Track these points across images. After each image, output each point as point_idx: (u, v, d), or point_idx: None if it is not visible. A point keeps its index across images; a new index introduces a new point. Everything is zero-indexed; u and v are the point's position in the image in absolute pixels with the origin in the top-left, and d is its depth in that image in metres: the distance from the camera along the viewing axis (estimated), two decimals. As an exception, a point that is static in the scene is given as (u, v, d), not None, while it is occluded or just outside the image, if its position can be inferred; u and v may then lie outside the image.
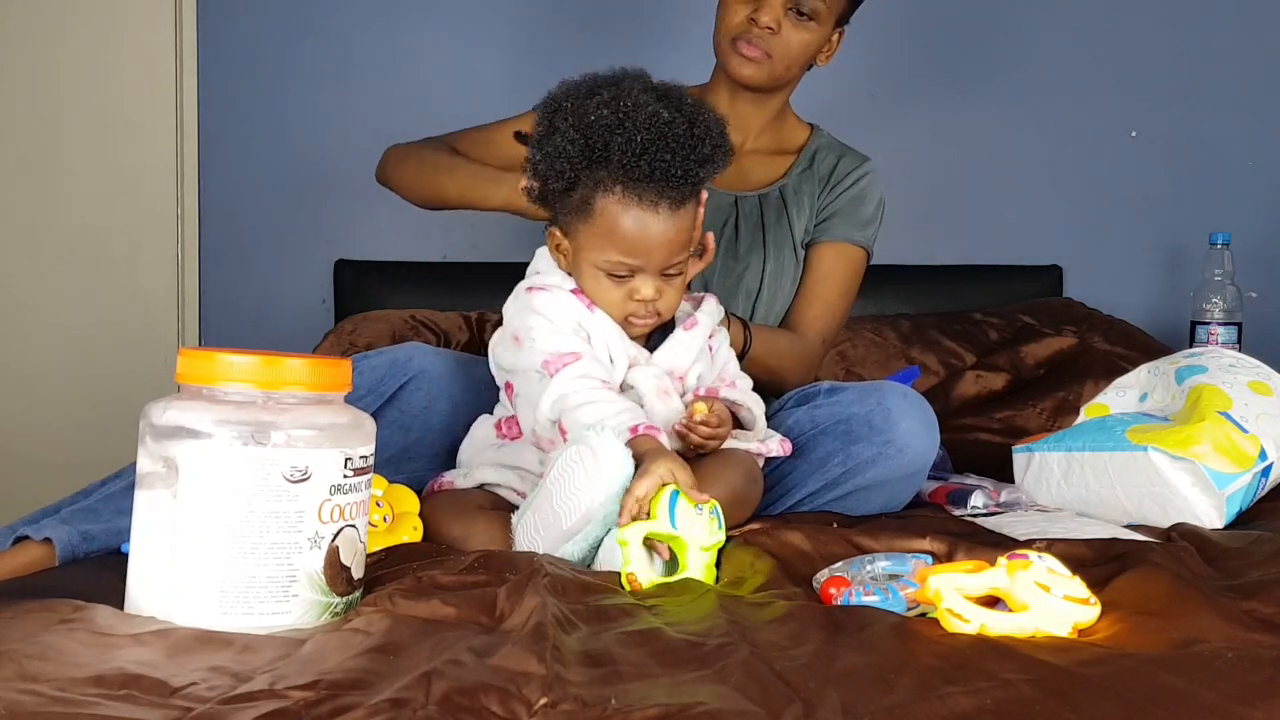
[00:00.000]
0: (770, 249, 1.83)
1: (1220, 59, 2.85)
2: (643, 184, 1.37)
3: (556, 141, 1.40)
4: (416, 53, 2.80)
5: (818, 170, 1.90)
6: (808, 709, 0.84)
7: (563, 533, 1.28)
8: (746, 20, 1.76)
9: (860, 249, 1.87)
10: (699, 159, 1.39)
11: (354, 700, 0.84)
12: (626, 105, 1.38)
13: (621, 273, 1.41)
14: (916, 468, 1.53)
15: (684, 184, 1.39)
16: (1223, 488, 1.49)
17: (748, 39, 1.76)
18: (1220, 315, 2.53)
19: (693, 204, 1.43)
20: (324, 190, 2.79)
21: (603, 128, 1.37)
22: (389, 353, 1.55)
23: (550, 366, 1.38)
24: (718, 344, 1.55)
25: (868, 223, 1.89)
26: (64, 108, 2.78)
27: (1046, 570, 1.08)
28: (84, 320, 2.79)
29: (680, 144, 1.37)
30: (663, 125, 1.37)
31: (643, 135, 1.36)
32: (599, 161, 1.38)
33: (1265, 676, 0.89)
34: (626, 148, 1.36)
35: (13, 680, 0.87)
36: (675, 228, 1.40)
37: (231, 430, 1.04)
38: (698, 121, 1.40)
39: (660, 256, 1.40)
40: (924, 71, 2.84)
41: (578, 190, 1.40)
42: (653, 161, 1.36)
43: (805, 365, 1.81)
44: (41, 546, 1.31)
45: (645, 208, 1.38)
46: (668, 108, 1.39)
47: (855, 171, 1.89)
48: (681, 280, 1.46)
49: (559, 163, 1.40)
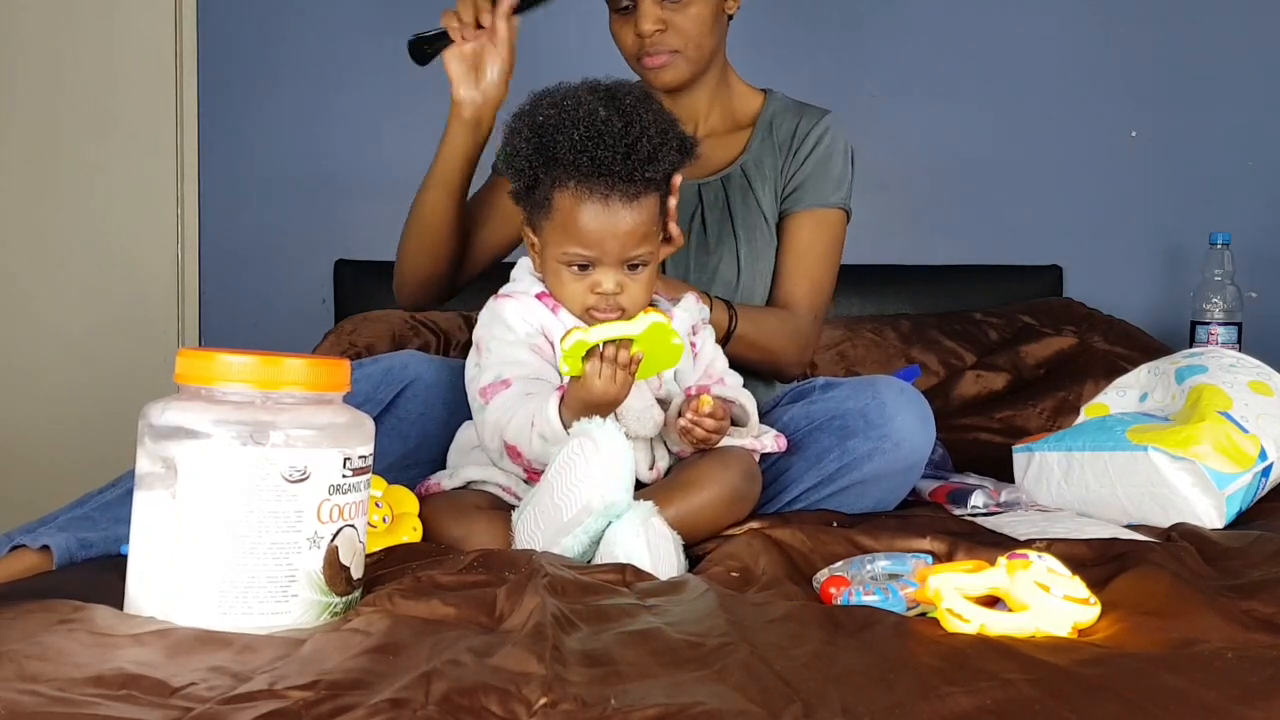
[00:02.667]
0: (741, 232, 1.79)
1: (1220, 59, 2.85)
2: (591, 179, 1.40)
3: (515, 143, 1.45)
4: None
5: (776, 136, 1.83)
6: (808, 709, 0.84)
7: (562, 525, 1.28)
8: (634, 37, 1.71)
9: (838, 210, 1.81)
10: (641, 157, 1.40)
11: (353, 700, 0.84)
12: (569, 104, 1.42)
13: (580, 263, 1.43)
14: (912, 462, 1.53)
15: (629, 181, 1.41)
16: (1223, 488, 1.49)
17: (645, 52, 1.72)
18: (1220, 315, 2.54)
19: (650, 197, 1.44)
20: (324, 190, 2.79)
21: (550, 127, 1.42)
22: (383, 360, 1.56)
23: (486, 395, 1.42)
24: (701, 341, 1.55)
25: (840, 180, 1.82)
26: (64, 108, 2.79)
27: (1046, 570, 1.08)
28: (84, 320, 2.80)
29: (616, 141, 1.39)
30: (599, 123, 1.40)
31: (580, 133, 1.39)
32: (550, 160, 1.42)
33: (1265, 676, 0.89)
34: (569, 145, 1.40)
35: (12, 680, 0.87)
36: (631, 220, 1.42)
37: (230, 430, 1.04)
38: (635, 119, 1.42)
39: (615, 248, 1.42)
40: (924, 71, 2.84)
41: (539, 188, 1.44)
42: (594, 157, 1.39)
43: (799, 342, 1.77)
44: (38, 554, 1.31)
45: (597, 201, 1.41)
46: (606, 106, 1.42)
47: (815, 129, 1.82)
48: (647, 274, 1.46)
49: (517, 161, 1.45)
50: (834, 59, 2.80)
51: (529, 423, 1.37)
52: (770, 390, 1.78)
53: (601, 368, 1.32)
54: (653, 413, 1.45)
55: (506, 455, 1.42)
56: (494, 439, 1.42)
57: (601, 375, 1.31)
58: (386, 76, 2.79)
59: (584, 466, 1.27)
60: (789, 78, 1.89)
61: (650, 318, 1.34)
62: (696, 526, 1.38)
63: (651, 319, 1.34)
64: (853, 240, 1.83)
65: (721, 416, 1.43)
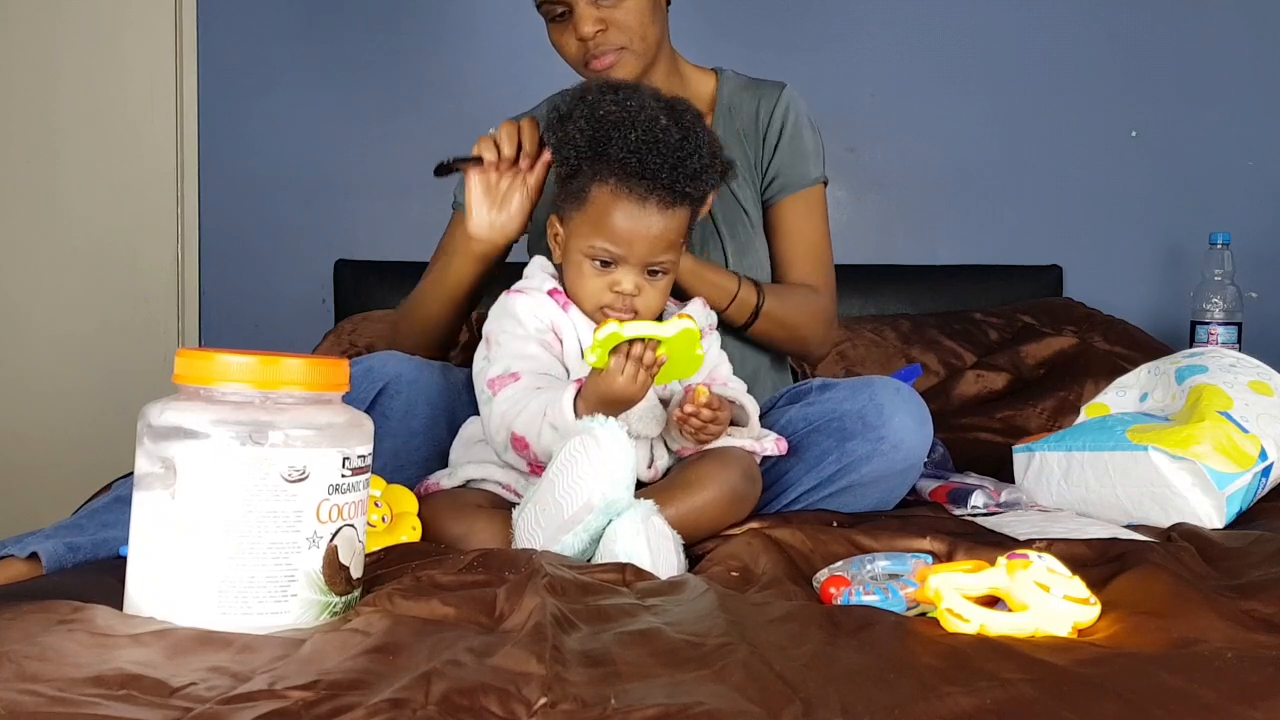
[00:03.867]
0: (724, 229, 1.78)
1: (1220, 58, 2.85)
2: (634, 179, 1.42)
3: (569, 129, 1.48)
4: (416, 52, 2.80)
5: (738, 122, 1.83)
6: (808, 709, 0.84)
7: (563, 522, 1.28)
8: (575, 43, 1.69)
9: (818, 185, 1.83)
10: (687, 172, 1.44)
11: (353, 700, 0.84)
12: (632, 106, 1.45)
13: (604, 259, 1.45)
14: (910, 463, 1.53)
15: (671, 191, 1.43)
16: (1223, 488, 1.49)
17: (591, 55, 1.69)
18: (1220, 315, 2.54)
19: (684, 209, 1.47)
20: (324, 190, 2.79)
21: (609, 123, 1.44)
22: (363, 361, 1.57)
23: (494, 387, 1.43)
24: (707, 346, 1.55)
25: (814, 154, 1.83)
26: (64, 108, 2.79)
27: (1046, 570, 1.08)
28: (84, 321, 2.80)
29: (671, 150, 1.43)
30: (659, 130, 1.43)
31: (638, 135, 1.42)
32: (600, 153, 1.44)
33: (1265, 676, 0.88)
34: (624, 143, 1.43)
35: (12, 681, 0.86)
36: (662, 226, 1.44)
37: (229, 430, 1.04)
38: (691, 134, 1.45)
39: (642, 249, 1.44)
40: (923, 71, 2.84)
41: (578, 178, 1.47)
42: (643, 160, 1.42)
43: (824, 319, 1.79)
44: (26, 563, 1.31)
45: (634, 201, 1.43)
46: (668, 115, 1.46)
47: (777, 108, 1.82)
48: (665, 282, 1.48)
49: (566, 149, 1.48)
50: (834, 59, 2.80)
51: (542, 413, 1.37)
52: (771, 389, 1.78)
53: (626, 365, 1.33)
54: (656, 413, 1.46)
55: (512, 447, 1.42)
56: (500, 431, 1.42)
57: (625, 372, 1.33)
58: (386, 77, 2.79)
59: (585, 464, 1.27)
60: (788, 77, 1.89)
61: (683, 323, 1.36)
62: (696, 526, 1.39)
63: (684, 324, 1.36)
64: (853, 240, 1.84)
65: (718, 407, 1.43)
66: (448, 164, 1.62)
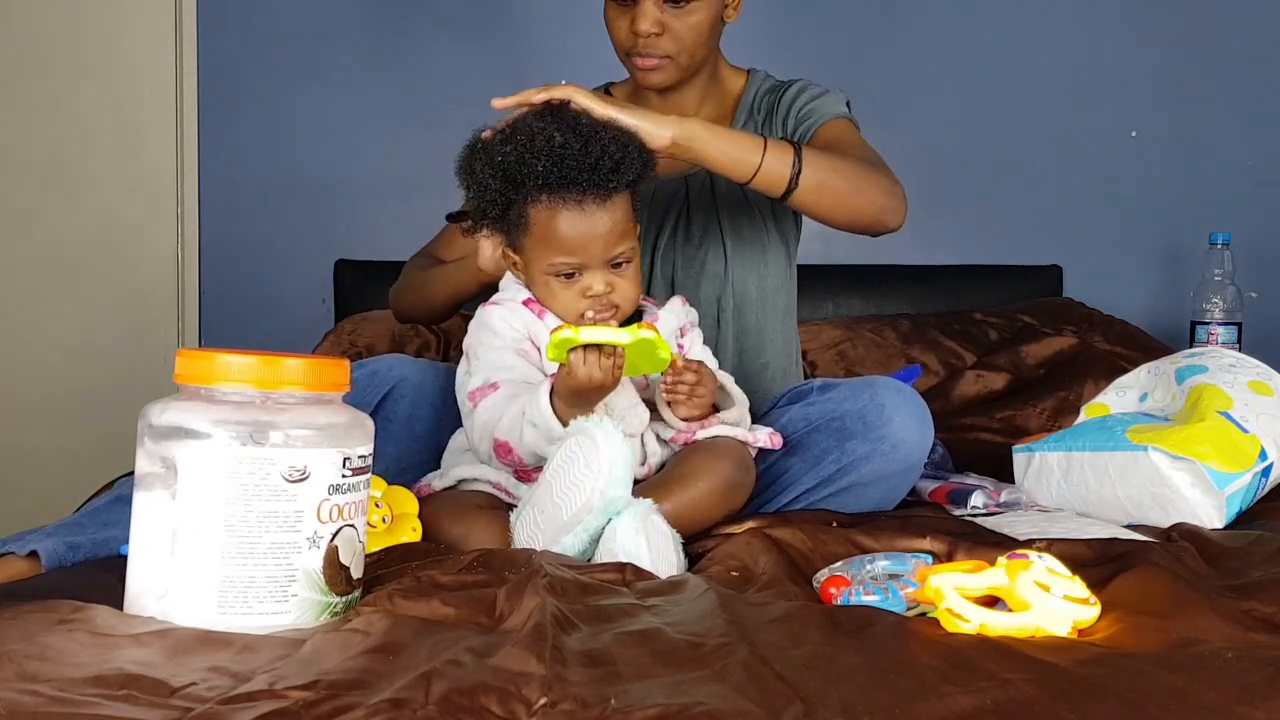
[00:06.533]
0: (726, 223, 1.78)
1: (1220, 59, 2.85)
2: (563, 189, 1.41)
3: (479, 181, 1.45)
4: (416, 53, 2.80)
5: (757, 118, 1.82)
6: (808, 709, 0.84)
7: (563, 523, 1.29)
8: (629, 33, 1.69)
9: (844, 118, 1.77)
10: (605, 170, 1.42)
11: (353, 700, 0.84)
12: (523, 138, 1.42)
13: (567, 272, 1.44)
14: (911, 463, 1.53)
15: (601, 188, 1.42)
16: (1223, 488, 1.49)
17: (638, 52, 1.70)
18: (1220, 315, 2.54)
19: (622, 195, 1.45)
20: (324, 190, 2.79)
21: (512, 162, 1.42)
22: (368, 365, 1.57)
23: (475, 398, 1.43)
24: (689, 343, 1.56)
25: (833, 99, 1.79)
26: (64, 108, 2.79)
27: (1046, 570, 1.08)
28: (84, 320, 2.80)
29: (578, 162, 1.40)
30: (558, 148, 1.40)
31: (543, 164, 1.40)
32: (519, 186, 1.43)
33: (1265, 676, 0.88)
34: (534, 175, 1.41)
35: (12, 680, 0.86)
36: (608, 220, 1.43)
37: (230, 430, 1.04)
38: (592, 138, 1.42)
39: (598, 249, 1.43)
40: (924, 71, 2.84)
41: (512, 209, 1.45)
42: (561, 178, 1.40)
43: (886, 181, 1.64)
44: (26, 561, 1.31)
45: (572, 207, 1.42)
46: (561, 130, 1.42)
47: (789, 92, 1.81)
48: (633, 269, 1.47)
49: (487, 195, 1.45)
50: (834, 59, 2.79)
51: (520, 413, 1.37)
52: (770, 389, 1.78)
53: (585, 355, 1.32)
54: (638, 410, 1.45)
55: (496, 454, 1.42)
56: (484, 440, 1.42)
57: (585, 363, 1.32)
58: (386, 77, 2.79)
59: (583, 464, 1.27)
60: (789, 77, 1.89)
61: (641, 333, 1.34)
62: (694, 519, 1.39)
63: (641, 334, 1.34)
64: (853, 240, 1.82)
65: (696, 369, 1.44)
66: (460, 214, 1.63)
